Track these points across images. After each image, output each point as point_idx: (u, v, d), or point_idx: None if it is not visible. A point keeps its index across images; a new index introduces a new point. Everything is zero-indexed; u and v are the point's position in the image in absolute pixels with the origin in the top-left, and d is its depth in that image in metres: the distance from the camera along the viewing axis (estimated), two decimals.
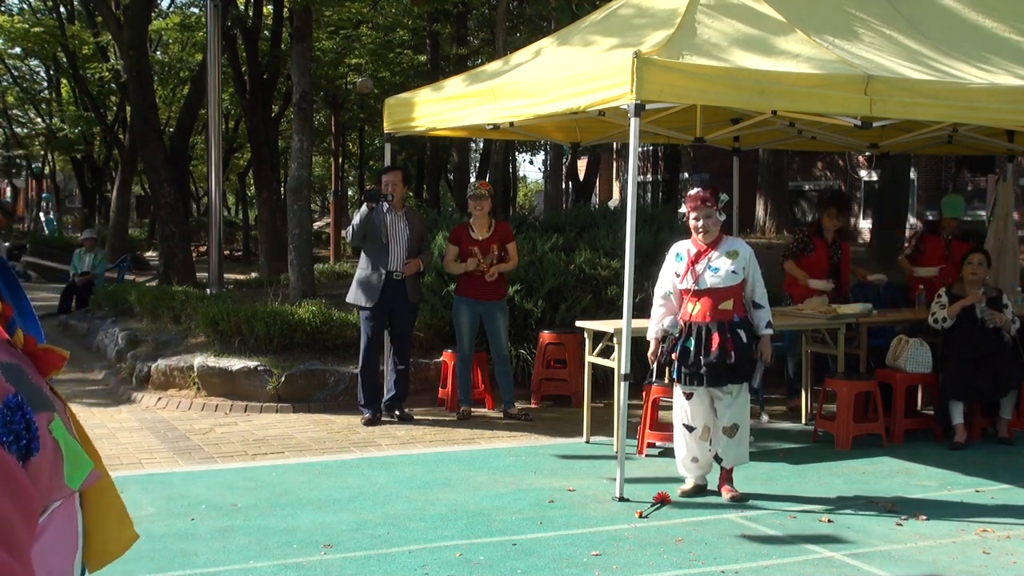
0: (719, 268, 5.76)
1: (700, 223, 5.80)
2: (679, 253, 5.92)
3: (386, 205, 8.05)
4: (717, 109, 7.74)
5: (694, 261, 5.81)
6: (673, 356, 5.88)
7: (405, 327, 8.21)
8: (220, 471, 6.58)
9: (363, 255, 8.19)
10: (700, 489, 5.95)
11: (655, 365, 6.13)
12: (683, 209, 5.97)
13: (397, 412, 8.19)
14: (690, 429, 5.91)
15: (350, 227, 8.16)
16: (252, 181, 22.90)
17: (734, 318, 5.79)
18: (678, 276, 5.87)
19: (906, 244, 9.25)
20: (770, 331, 5.88)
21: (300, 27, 12.07)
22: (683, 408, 5.94)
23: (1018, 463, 6.92)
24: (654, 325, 6.00)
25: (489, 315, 8.21)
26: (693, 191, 5.89)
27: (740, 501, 5.80)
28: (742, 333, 5.78)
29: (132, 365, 9.81)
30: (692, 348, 5.80)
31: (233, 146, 29.67)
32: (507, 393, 8.29)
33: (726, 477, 5.94)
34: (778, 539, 5.17)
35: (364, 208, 8.04)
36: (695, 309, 5.82)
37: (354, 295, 8.17)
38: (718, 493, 5.92)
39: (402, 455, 7.04)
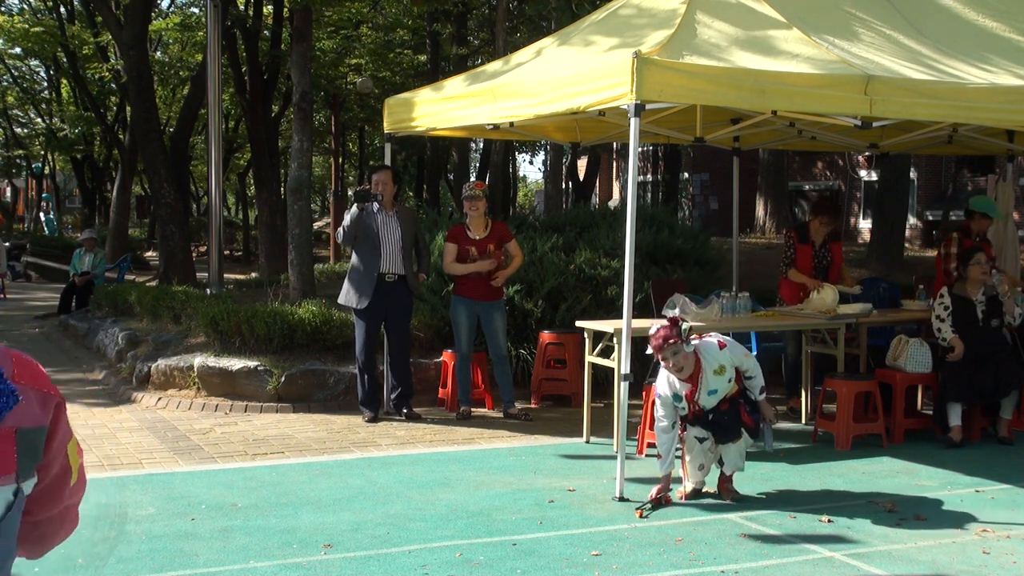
0: (716, 389, 5.67)
1: (671, 363, 5.54)
2: (676, 394, 5.67)
3: (376, 205, 8.04)
4: (717, 109, 7.74)
5: (691, 397, 5.66)
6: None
7: (403, 327, 8.21)
8: (220, 471, 6.58)
9: (354, 256, 8.18)
10: (698, 493, 5.93)
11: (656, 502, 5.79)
12: (649, 351, 5.65)
13: (405, 410, 8.20)
14: (701, 440, 5.86)
15: (340, 228, 8.15)
16: (252, 181, 22.90)
17: (738, 389, 5.81)
18: (684, 410, 5.72)
19: (945, 251, 8.63)
20: (763, 396, 5.85)
21: (300, 27, 12.07)
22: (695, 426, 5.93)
23: (1018, 463, 6.92)
24: (666, 462, 5.73)
25: (487, 315, 8.21)
26: (653, 332, 5.55)
27: (739, 501, 5.80)
28: (749, 393, 5.82)
29: (132, 365, 9.81)
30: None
31: (233, 146, 29.67)
32: (507, 393, 8.29)
33: (726, 478, 5.93)
34: (778, 539, 5.17)
35: (354, 209, 8.02)
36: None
37: (345, 296, 8.16)
38: (717, 495, 5.91)
39: (402, 455, 7.04)
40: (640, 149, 8.00)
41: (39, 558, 1.80)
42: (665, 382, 5.73)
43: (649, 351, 5.63)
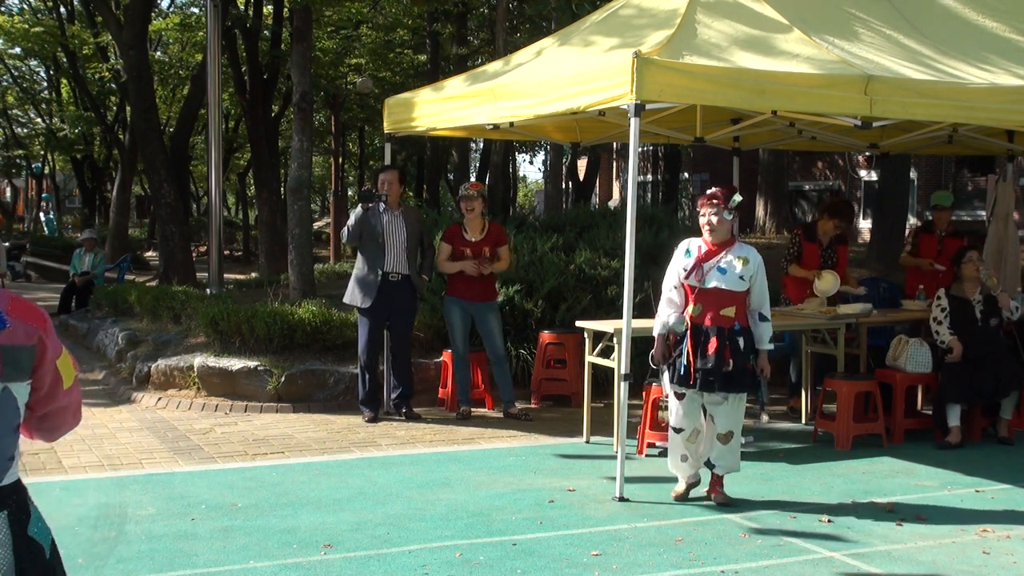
0: (727, 270, 5.63)
1: (708, 219, 5.66)
2: (689, 249, 5.77)
3: (382, 205, 8.05)
4: (717, 109, 7.74)
5: (703, 259, 5.68)
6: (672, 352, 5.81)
7: (405, 327, 8.22)
8: (220, 471, 6.58)
9: (359, 255, 8.19)
10: (692, 488, 5.92)
11: (660, 365, 5.90)
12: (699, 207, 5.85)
13: (405, 410, 8.20)
14: (677, 431, 5.87)
15: (345, 228, 8.16)
16: (252, 181, 22.89)
17: (735, 326, 5.67)
18: (685, 271, 5.73)
19: (905, 243, 9.35)
20: (770, 347, 5.80)
21: (300, 27, 12.07)
22: (673, 409, 5.87)
23: (1018, 463, 6.92)
24: (660, 321, 5.83)
25: (481, 316, 8.20)
26: (709, 190, 5.80)
27: (729, 505, 5.75)
28: (741, 341, 5.67)
29: (132, 365, 9.81)
30: (688, 349, 5.73)
31: (233, 146, 29.65)
32: (507, 393, 8.29)
33: (717, 481, 5.89)
34: (778, 539, 5.16)
35: (359, 209, 8.04)
36: (696, 311, 5.72)
37: (350, 295, 8.18)
38: (709, 498, 5.88)
39: (402, 455, 7.04)
40: (640, 149, 8.00)
41: (53, 442, 2.47)
42: (685, 245, 5.84)
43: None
